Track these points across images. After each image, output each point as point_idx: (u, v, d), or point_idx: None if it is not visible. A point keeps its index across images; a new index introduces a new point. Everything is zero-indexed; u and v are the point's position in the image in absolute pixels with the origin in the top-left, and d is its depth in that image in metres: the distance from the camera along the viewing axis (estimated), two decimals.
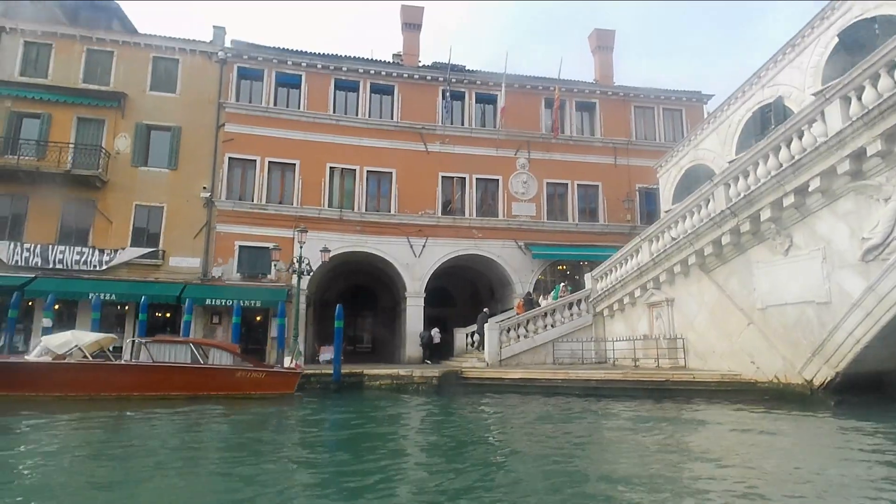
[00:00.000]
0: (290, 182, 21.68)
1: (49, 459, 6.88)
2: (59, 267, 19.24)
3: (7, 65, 20.23)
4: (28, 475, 6.11)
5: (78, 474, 6.20)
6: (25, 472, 6.21)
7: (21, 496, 5.15)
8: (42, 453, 7.20)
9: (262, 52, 22.02)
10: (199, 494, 5.44)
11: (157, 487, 5.59)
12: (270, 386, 13.29)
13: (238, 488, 5.45)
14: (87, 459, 7.01)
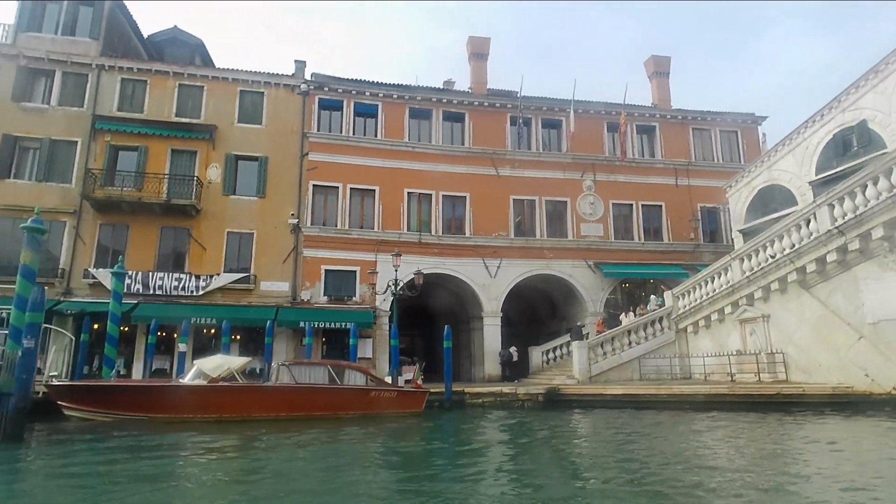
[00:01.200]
0: (370, 207, 22.51)
1: (333, 472, 7.49)
2: (159, 293, 20.00)
3: (106, 101, 21.25)
4: (343, 484, 6.74)
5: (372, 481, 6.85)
6: (340, 483, 6.84)
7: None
8: (325, 468, 7.82)
9: (340, 83, 23.04)
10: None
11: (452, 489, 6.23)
12: (401, 405, 13.91)
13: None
14: (350, 469, 7.65)
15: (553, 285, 25.04)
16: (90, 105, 21.08)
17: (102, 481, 6.73)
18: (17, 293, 10.05)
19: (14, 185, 20.15)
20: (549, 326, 27.27)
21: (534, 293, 27.13)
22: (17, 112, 20.60)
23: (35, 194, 20.14)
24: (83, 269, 19.88)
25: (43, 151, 20.50)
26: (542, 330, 26.37)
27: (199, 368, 12.73)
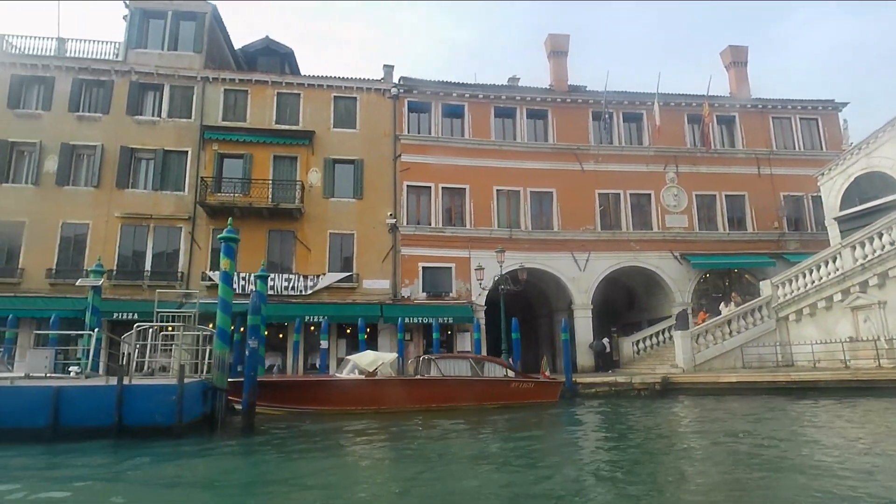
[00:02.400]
0: (461, 205, 23.19)
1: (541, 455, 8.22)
2: (271, 293, 20.98)
3: (211, 111, 22.31)
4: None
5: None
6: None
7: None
8: (528, 452, 8.55)
9: (429, 86, 23.72)
10: None
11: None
12: (539, 395, 14.58)
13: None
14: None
15: (632, 277, 25.43)
16: (197, 116, 22.17)
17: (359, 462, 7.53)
18: (221, 297, 10.99)
19: (133, 194, 21.36)
20: (626, 318, 27.68)
21: (610, 285, 27.51)
22: (132, 125, 21.79)
23: (152, 202, 21.36)
24: (200, 272, 20.99)
25: (157, 162, 21.66)
26: (619, 321, 26.74)
27: (355, 363, 13.57)
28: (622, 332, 24.74)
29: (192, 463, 7.91)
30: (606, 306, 29.04)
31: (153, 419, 8.99)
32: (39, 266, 20.43)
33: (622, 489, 6.04)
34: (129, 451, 8.27)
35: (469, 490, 6.18)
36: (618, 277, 25.98)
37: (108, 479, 6.87)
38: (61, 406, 8.76)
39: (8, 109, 21.33)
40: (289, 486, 6.45)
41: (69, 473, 7.03)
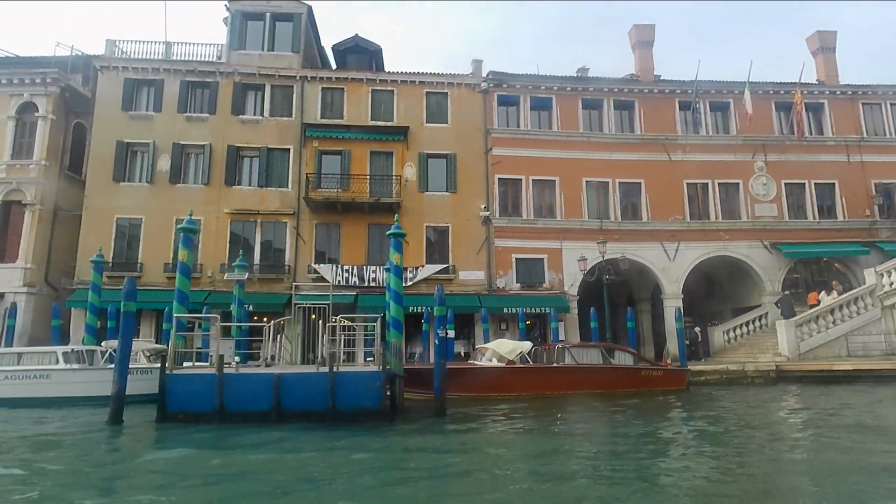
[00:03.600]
0: (551, 197, 23.56)
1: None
2: (373, 285, 21.80)
3: (310, 109, 23.08)
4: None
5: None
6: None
7: None
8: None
9: (518, 79, 24.05)
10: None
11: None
12: (667, 382, 15.01)
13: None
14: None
15: (713, 266, 25.43)
16: (297, 114, 22.96)
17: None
18: (392, 289, 11.70)
19: (240, 191, 22.32)
20: (705, 307, 27.70)
21: (689, 275, 27.58)
22: (237, 124, 22.71)
23: (258, 199, 22.30)
24: (306, 265, 21.87)
25: (261, 159, 22.56)
26: (697, 311, 26.79)
27: (494, 351, 14.17)
28: (698, 322, 24.82)
29: (430, 438, 8.62)
30: (684, 296, 29.17)
31: (361, 404, 9.71)
32: (157, 260, 21.58)
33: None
34: (355, 431, 9.00)
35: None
36: (698, 267, 26.05)
37: (382, 450, 7.60)
38: (282, 392, 9.53)
39: (122, 112, 22.44)
40: (518, 452, 7.07)
41: (330, 446, 7.79)
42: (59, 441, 8.92)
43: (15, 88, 22.27)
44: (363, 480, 6.32)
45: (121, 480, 6.58)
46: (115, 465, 7.51)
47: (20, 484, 6.03)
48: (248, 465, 6.86)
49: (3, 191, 21.65)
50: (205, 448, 7.99)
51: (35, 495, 5.61)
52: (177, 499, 5.53)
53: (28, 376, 12.56)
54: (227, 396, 9.35)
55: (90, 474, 6.76)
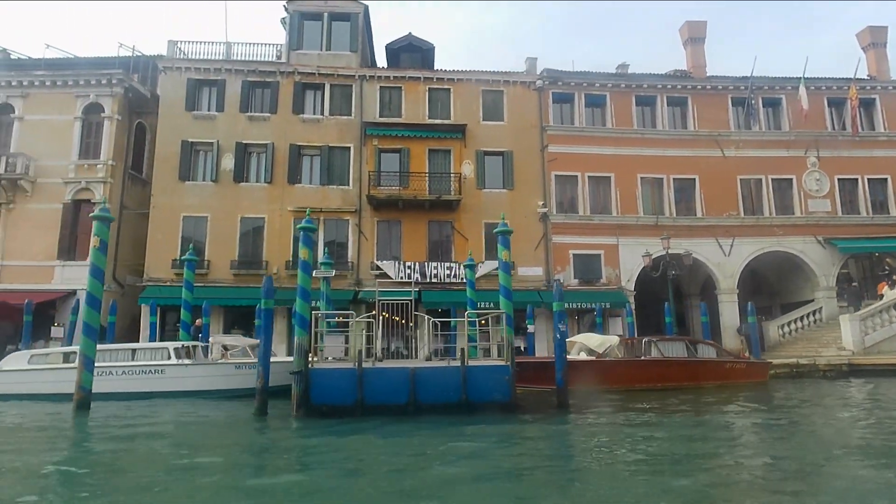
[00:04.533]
0: (607, 193, 23.79)
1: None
2: (434, 281, 22.13)
3: (369, 108, 23.38)
4: None
5: None
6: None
7: None
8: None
9: (572, 77, 24.26)
10: None
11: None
12: (750, 375, 15.27)
13: None
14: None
15: (761, 261, 25.56)
16: (357, 113, 23.27)
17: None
18: (502, 285, 11.99)
19: (302, 189, 22.67)
20: (754, 302, 27.79)
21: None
22: (298, 123, 23.04)
23: (320, 196, 22.64)
24: (369, 262, 22.22)
25: (322, 158, 22.89)
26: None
27: (583, 345, 14.47)
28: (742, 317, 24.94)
29: (577, 429, 8.96)
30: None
31: (492, 396, 10.03)
32: (223, 257, 21.98)
33: None
34: (491, 423, 9.33)
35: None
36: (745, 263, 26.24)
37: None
38: (417, 385, 9.87)
39: (186, 112, 22.81)
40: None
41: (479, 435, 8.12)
42: (226, 433, 9.28)
43: (81, 90, 22.67)
44: (531, 467, 6.66)
45: (308, 469, 6.87)
46: (290, 453, 7.85)
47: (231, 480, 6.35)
48: (422, 456, 7.17)
49: (72, 190, 22.09)
50: (362, 437, 8.33)
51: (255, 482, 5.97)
52: (354, 483, 5.87)
53: (144, 371, 12.97)
54: (367, 390, 9.69)
55: (285, 465, 7.10)
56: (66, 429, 9.90)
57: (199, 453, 7.57)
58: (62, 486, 5.84)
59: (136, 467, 6.81)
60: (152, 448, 8.25)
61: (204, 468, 6.67)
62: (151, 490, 5.62)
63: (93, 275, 11.76)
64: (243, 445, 8.34)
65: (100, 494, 5.45)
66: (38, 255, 21.60)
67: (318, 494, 5.51)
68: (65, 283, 21.38)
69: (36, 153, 22.06)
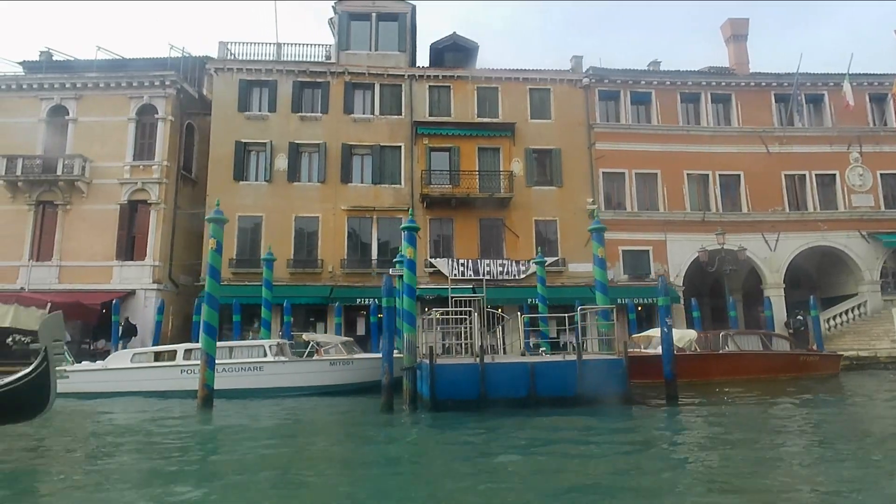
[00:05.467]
0: (653, 190, 24.05)
1: None
2: (488, 277, 22.35)
3: (418, 107, 23.60)
4: None
5: None
6: None
7: None
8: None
9: (618, 74, 24.48)
10: None
11: None
12: (823, 367, 15.57)
13: None
14: None
15: (803, 256, 25.85)
16: (407, 112, 23.49)
17: None
18: (598, 280, 12.26)
19: (355, 188, 22.91)
20: (793, 296, 28.09)
21: None
22: (349, 123, 23.27)
23: (373, 195, 22.89)
24: (423, 260, 22.44)
25: (374, 157, 23.12)
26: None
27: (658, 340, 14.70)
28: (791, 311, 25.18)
29: (701, 419, 9.25)
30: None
31: (607, 389, 10.30)
32: (279, 256, 22.00)
33: None
34: (612, 415, 9.62)
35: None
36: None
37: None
38: (536, 378, 10.14)
39: (238, 113, 23.03)
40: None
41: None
42: (382, 429, 9.50)
43: (134, 91, 22.87)
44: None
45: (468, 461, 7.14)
46: (441, 446, 8.11)
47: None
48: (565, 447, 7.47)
49: (128, 191, 22.32)
50: (502, 432, 8.60)
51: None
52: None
53: (243, 369, 13.21)
54: (489, 384, 9.96)
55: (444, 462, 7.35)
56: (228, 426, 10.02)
57: (389, 450, 7.74)
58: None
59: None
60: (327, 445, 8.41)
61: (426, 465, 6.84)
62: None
63: (211, 275, 11.99)
64: (415, 441, 8.55)
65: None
66: (96, 255, 21.83)
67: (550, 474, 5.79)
68: (123, 283, 21.62)
69: (91, 154, 22.27)
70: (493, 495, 5.41)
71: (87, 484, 5.82)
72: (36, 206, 22.22)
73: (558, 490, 5.45)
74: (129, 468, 6.74)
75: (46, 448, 8.07)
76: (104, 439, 8.74)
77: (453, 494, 5.49)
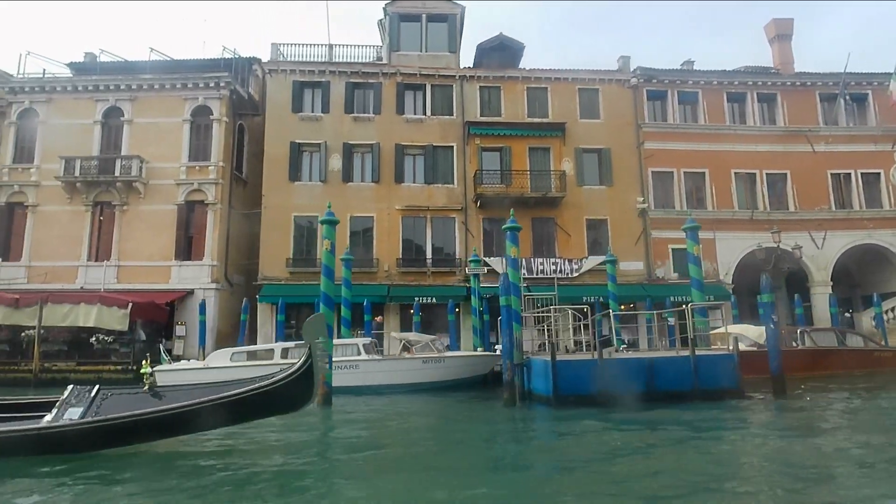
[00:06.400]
0: (701, 188, 24.28)
1: None
2: (541, 276, 22.59)
3: (470, 108, 23.80)
4: None
5: None
6: None
7: None
8: None
9: (666, 74, 24.71)
10: None
11: None
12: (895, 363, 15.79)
13: None
14: None
15: (847, 253, 26.02)
16: (458, 113, 23.69)
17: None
18: (693, 277, 12.43)
19: (408, 188, 23.12)
20: (834, 293, 28.30)
21: None
22: (402, 124, 23.47)
23: (426, 195, 23.09)
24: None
25: (427, 157, 23.32)
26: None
27: (743, 336, 14.94)
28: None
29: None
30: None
31: (721, 383, 10.53)
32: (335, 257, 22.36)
33: None
34: (737, 408, 9.84)
35: None
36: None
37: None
38: (655, 374, 10.36)
39: (292, 114, 23.22)
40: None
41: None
42: (526, 426, 9.67)
43: (189, 92, 23.07)
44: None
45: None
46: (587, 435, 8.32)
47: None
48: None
49: (185, 191, 22.51)
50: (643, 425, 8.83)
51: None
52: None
53: (342, 367, 13.39)
54: (608, 379, 10.18)
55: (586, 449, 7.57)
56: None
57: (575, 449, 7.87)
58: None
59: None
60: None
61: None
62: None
63: (326, 275, 12.29)
64: (573, 435, 8.65)
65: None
66: (153, 255, 22.02)
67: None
68: (182, 283, 21.81)
69: (146, 155, 22.45)
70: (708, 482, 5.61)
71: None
72: (93, 206, 22.40)
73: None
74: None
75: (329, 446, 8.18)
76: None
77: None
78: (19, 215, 22.54)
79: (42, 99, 23.11)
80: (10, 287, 21.00)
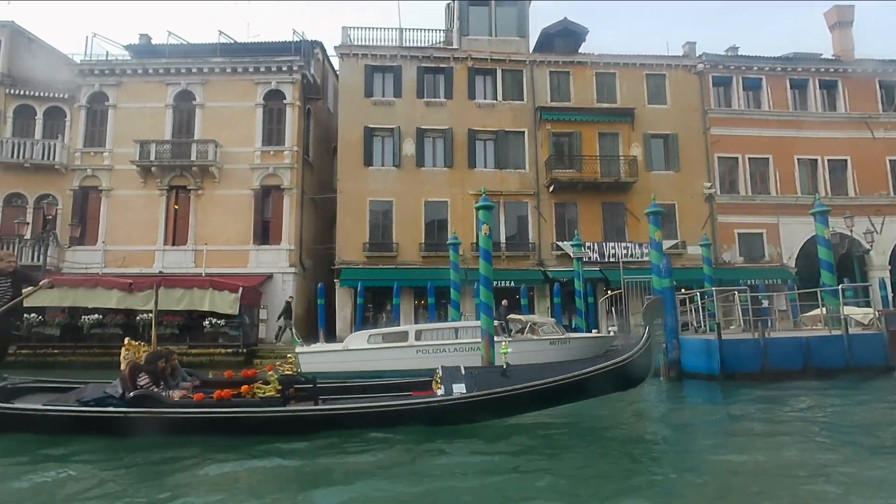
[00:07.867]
0: (765, 174, 24.67)
1: None
2: (612, 260, 22.97)
3: (540, 93, 23.94)
4: None
5: None
6: None
7: None
8: None
9: (732, 61, 24.96)
10: None
11: None
12: None
13: None
14: None
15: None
16: (529, 98, 23.83)
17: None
18: (822, 258, 12.84)
19: (481, 172, 23.30)
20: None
21: None
22: (473, 109, 23.59)
23: (498, 180, 23.29)
24: (549, 243, 23.01)
25: (499, 142, 23.49)
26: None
27: (850, 317, 15.39)
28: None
29: None
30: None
31: (872, 361, 10.97)
32: (410, 240, 22.65)
33: None
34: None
35: None
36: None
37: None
38: (811, 352, 10.78)
39: (365, 98, 23.25)
40: None
41: None
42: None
43: (261, 77, 23.03)
44: None
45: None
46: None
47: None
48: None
49: (260, 175, 22.57)
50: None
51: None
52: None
53: (467, 349, 13.65)
54: (770, 357, 10.60)
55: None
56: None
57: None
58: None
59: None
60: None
61: None
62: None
63: (484, 258, 12.59)
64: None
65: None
66: (230, 240, 22.13)
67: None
68: (260, 268, 21.97)
69: (219, 139, 22.43)
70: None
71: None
72: (168, 190, 22.42)
73: None
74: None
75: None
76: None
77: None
78: (94, 199, 22.53)
79: (111, 82, 22.96)
80: (88, 271, 21.10)
